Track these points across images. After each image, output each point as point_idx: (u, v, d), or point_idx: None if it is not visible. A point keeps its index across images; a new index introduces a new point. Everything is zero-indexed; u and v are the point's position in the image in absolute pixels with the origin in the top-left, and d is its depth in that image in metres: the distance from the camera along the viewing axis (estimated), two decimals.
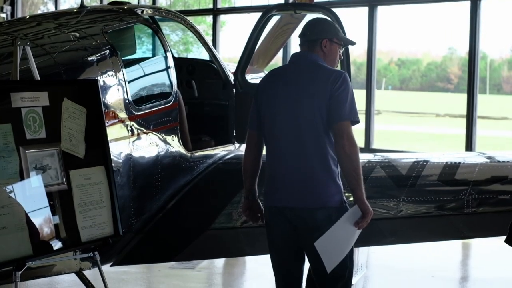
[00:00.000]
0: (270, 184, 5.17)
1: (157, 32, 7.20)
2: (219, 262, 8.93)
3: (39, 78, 5.21)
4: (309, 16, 8.98)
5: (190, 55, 16.65)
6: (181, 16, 7.78)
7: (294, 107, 5.01)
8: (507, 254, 4.77)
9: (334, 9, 7.82)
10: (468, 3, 11.36)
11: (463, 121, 11.70)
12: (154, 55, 7.96)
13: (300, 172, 4.99)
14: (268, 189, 5.18)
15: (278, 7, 8.12)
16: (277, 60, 14.56)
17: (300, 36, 5.25)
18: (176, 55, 9.68)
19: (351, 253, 5.08)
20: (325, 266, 4.94)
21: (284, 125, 5.05)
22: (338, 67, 5.46)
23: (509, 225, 4.66)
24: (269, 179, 5.17)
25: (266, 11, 7.75)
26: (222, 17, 16.52)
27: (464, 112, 11.71)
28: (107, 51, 6.19)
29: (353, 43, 5.43)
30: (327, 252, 4.94)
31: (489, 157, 6.95)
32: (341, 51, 5.28)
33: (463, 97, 11.63)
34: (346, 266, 5.04)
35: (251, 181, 5.32)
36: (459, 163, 6.62)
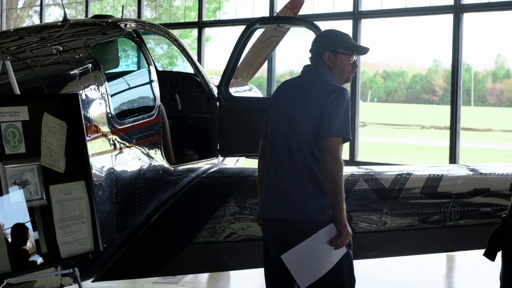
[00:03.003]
0: (265, 195, 5.18)
1: (140, 46, 7.18)
2: (203, 277, 8.89)
3: (19, 93, 5.18)
4: (293, 30, 9.01)
5: (175, 69, 16.66)
6: (165, 30, 7.77)
7: (289, 119, 5.02)
8: (490, 267, 4.75)
9: (318, 23, 7.84)
10: (451, 16, 11.40)
11: (448, 133, 11.71)
12: (137, 68, 7.94)
13: (289, 184, 4.98)
14: (263, 200, 5.20)
15: (261, 21, 8.12)
16: (262, 73, 14.57)
17: (309, 51, 5.27)
18: (161, 69, 9.67)
19: (350, 268, 5.01)
20: (296, 280, 4.92)
21: (279, 136, 5.07)
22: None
23: (488, 239, 4.65)
24: (265, 190, 5.18)
25: (250, 25, 7.76)
26: (208, 32, 16.51)
27: (449, 123, 11.72)
28: (90, 65, 6.17)
29: (363, 50, 5.28)
30: (298, 267, 4.90)
31: (472, 170, 6.95)
32: (353, 60, 5.20)
33: (448, 109, 11.64)
34: (344, 282, 4.99)
35: (262, 191, 5.30)
36: (442, 175, 6.61)
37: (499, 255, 4.62)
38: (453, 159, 11.33)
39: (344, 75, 5.19)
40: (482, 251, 4.67)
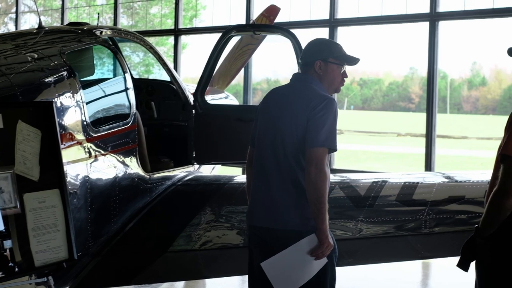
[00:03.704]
0: (250, 202, 5.18)
1: (116, 53, 7.16)
2: (179, 285, 8.87)
3: None
4: (269, 37, 9.02)
5: (151, 76, 16.62)
6: (140, 37, 7.76)
7: (276, 127, 5.01)
8: (465, 274, 4.75)
9: (294, 30, 7.85)
10: (427, 24, 11.45)
11: (424, 140, 11.75)
12: (113, 76, 7.92)
13: (274, 193, 4.97)
14: (248, 207, 5.20)
15: (237, 28, 8.12)
16: (239, 81, 14.59)
17: (299, 59, 5.25)
18: (137, 76, 9.65)
19: (332, 280, 5.02)
20: None
21: (266, 144, 5.06)
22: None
23: (461, 249, 4.66)
24: (251, 197, 5.18)
25: (226, 32, 7.76)
26: (184, 39, 16.50)
27: (425, 131, 11.76)
28: (65, 72, 6.14)
29: (354, 61, 5.24)
30: (277, 275, 4.89)
31: (447, 177, 6.98)
32: (343, 70, 5.19)
33: (424, 116, 11.69)
34: None
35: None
36: (417, 183, 6.63)
37: (472, 265, 4.63)
38: (428, 166, 11.37)
39: (334, 85, 5.18)
40: (457, 258, 4.68)
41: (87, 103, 6.22)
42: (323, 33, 12.70)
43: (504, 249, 4.44)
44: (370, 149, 31.81)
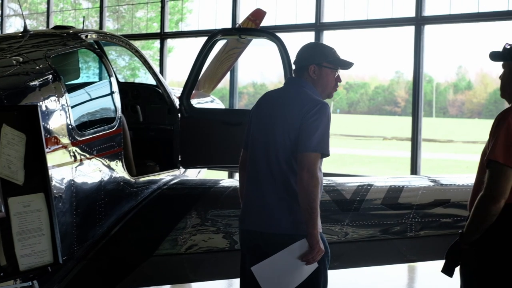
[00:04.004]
0: (243, 206, 5.17)
1: (101, 57, 7.14)
2: None
3: None
4: (255, 41, 9.03)
5: (137, 80, 16.60)
6: (126, 41, 7.74)
7: (269, 131, 5.00)
8: (451, 278, 4.76)
9: (280, 34, 7.86)
10: (413, 28, 11.48)
11: (409, 144, 11.77)
12: (98, 80, 7.90)
13: (266, 197, 4.96)
14: (241, 211, 5.19)
15: (223, 32, 8.12)
16: (225, 85, 14.59)
17: (293, 63, 5.23)
18: (122, 80, 9.63)
19: (324, 283, 4.99)
20: None
21: (259, 148, 5.04)
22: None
23: (445, 255, 4.65)
24: (244, 201, 5.17)
25: (212, 36, 7.76)
26: (170, 43, 16.48)
27: (410, 135, 11.77)
28: (50, 76, 6.11)
29: (348, 65, 5.24)
30: (267, 279, 4.89)
31: (433, 181, 6.99)
32: (337, 74, 5.17)
33: (410, 120, 11.70)
34: None
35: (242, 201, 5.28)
36: (403, 186, 6.64)
37: (457, 270, 4.63)
38: (414, 170, 11.39)
39: (328, 89, 5.16)
40: (443, 262, 4.69)
41: (72, 107, 6.20)
42: (309, 37, 12.71)
43: (490, 254, 4.44)
44: (356, 153, 31.87)
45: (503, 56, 4.64)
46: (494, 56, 4.71)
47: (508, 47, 4.62)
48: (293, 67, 5.22)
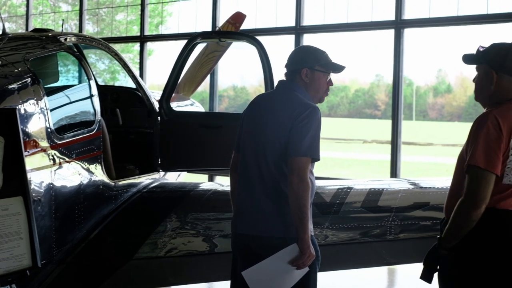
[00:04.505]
0: (235, 209, 5.17)
1: (80, 60, 7.12)
2: None
3: None
4: (235, 44, 9.02)
5: (117, 83, 16.56)
6: (105, 44, 7.73)
7: (260, 134, 4.99)
8: (430, 284, 4.77)
9: (260, 37, 7.87)
10: (392, 31, 11.50)
11: (390, 147, 11.79)
12: (77, 83, 7.88)
13: (257, 200, 4.96)
14: (233, 214, 5.19)
15: (203, 35, 8.11)
16: (205, 88, 14.57)
17: (284, 66, 5.22)
18: (102, 83, 9.61)
19: (314, 287, 5.00)
20: None
21: (249, 151, 5.04)
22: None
23: (423, 261, 4.64)
24: (236, 204, 5.17)
25: (191, 39, 7.75)
26: (150, 46, 16.46)
27: (390, 138, 11.79)
28: (29, 79, 6.08)
29: (340, 69, 5.22)
30: (258, 284, 4.88)
31: (412, 184, 7.02)
32: (329, 78, 5.18)
33: (390, 123, 11.73)
34: None
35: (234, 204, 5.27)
36: (383, 189, 6.66)
37: (435, 275, 4.62)
38: (394, 173, 11.42)
39: (319, 93, 5.15)
40: (422, 264, 4.69)
41: (51, 110, 6.17)
42: (289, 40, 12.72)
43: (470, 260, 4.41)
44: (337, 156, 31.89)
45: (477, 59, 4.63)
46: (468, 59, 4.70)
47: (482, 49, 4.62)
48: (285, 70, 5.22)
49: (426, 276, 4.60)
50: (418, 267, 4.77)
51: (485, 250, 4.38)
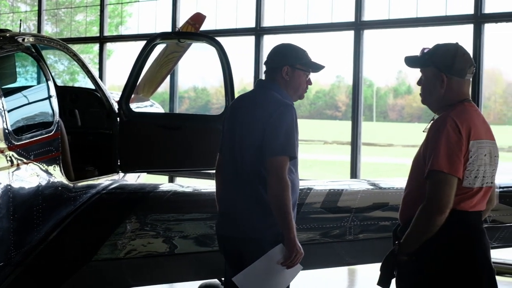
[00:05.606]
0: (219, 211, 5.18)
1: (39, 61, 7.07)
2: None
3: None
4: (195, 45, 9.01)
5: (77, 84, 16.45)
6: (64, 44, 7.68)
7: (235, 135, 4.99)
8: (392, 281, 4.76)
9: (220, 38, 7.85)
10: (352, 32, 11.54)
11: (350, 148, 11.82)
12: (35, 83, 7.81)
13: (237, 202, 4.96)
14: (217, 216, 5.20)
15: (162, 36, 8.08)
16: (165, 89, 14.52)
17: (264, 63, 5.20)
18: (61, 84, 9.54)
19: None
20: None
21: (228, 153, 5.04)
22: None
23: (380, 267, 4.59)
24: (219, 206, 5.18)
25: (150, 40, 7.72)
26: (110, 47, 16.37)
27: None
28: None
29: (319, 68, 5.25)
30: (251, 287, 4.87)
31: (372, 184, 7.05)
32: (308, 77, 5.18)
33: (350, 124, 11.76)
34: None
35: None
36: (342, 190, 6.68)
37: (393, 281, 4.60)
38: (354, 174, 11.46)
39: (299, 92, 5.16)
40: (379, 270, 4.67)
41: (8, 111, 6.12)
42: (249, 41, 12.72)
43: (431, 265, 4.38)
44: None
45: (424, 62, 4.58)
46: (412, 61, 4.64)
47: (426, 51, 4.59)
48: (264, 67, 5.23)
49: (383, 282, 4.55)
50: (378, 267, 4.77)
51: (446, 251, 4.36)
